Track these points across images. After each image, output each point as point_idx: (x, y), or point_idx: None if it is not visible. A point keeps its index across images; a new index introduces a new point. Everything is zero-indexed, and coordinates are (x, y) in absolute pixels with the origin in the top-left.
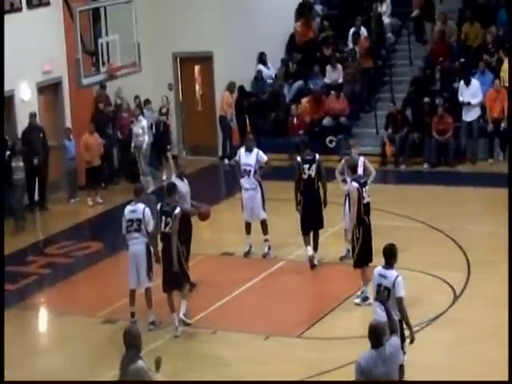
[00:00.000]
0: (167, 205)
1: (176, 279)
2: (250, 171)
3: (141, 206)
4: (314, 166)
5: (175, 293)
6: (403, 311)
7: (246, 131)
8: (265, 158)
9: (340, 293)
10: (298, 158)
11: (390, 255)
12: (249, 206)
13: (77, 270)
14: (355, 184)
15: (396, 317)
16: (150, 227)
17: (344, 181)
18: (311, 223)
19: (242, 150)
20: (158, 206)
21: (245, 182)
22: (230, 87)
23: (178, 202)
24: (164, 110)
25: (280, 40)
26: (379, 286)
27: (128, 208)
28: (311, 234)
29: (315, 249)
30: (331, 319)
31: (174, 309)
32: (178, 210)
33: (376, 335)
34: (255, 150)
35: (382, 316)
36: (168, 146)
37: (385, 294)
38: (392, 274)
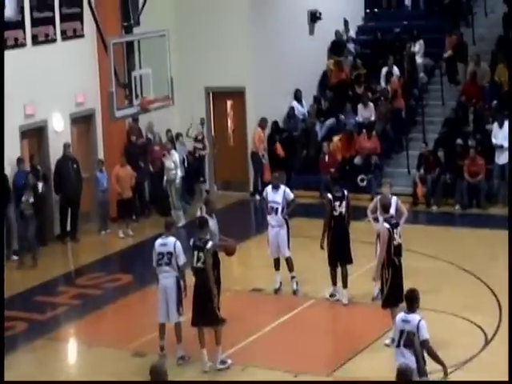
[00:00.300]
0: (199, 239)
1: (207, 315)
2: (276, 209)
3: (172, 239)
4: (344, 203)
5: (206, 328)
6: (432, 351)
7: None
8: (291, 195)
9: (370, 333)
10: (329, 195)
11: (413, 300)
12: (274, 242)
13: (107, 302)
14: (386, 224)
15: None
16: (181, 261)
17: (376, 219)
18: (340, 257)
19: (269, 188)
20: (191, 241)
21: (271, 219)
22: (262, 123)
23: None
24: (200, 137)
25: (313, 77)
26: (402, 331)
27: (159, 241)
28: (339, 272)
29: (345, 285)
30: (360, 359)
31: (204, 344)
32: (210, 245)
33: (404, 379)
34: (282, 188)
35: (404, 362)
36: (201, 178)
37: (407, 340)
38: (415, 318)
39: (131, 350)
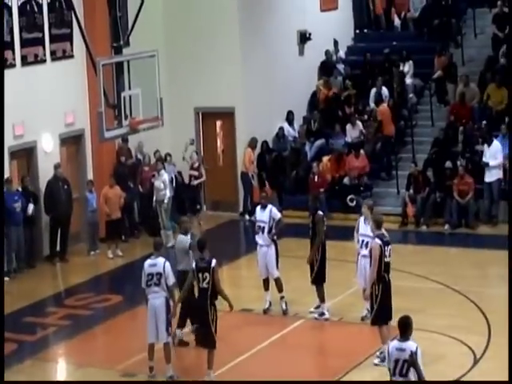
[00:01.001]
0: (201, 260)
1: (206, 337)
2: (263, 228)
3: (161, 259)
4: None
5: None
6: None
7: (264, 188)
8: (278, 215)
9: (360, 352)
10: (321, 213)
11: (406, 327)
12: (263, 262)
13: (96, 323)
14: (378, 241)
15: None
16: (170, 281)
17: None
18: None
19: (258, 208)
20: (193, 264)
21: (259, 239)
22: (252, 143)
23: (180, 257)
24: (196, 165)
25: (303, 98)
26: (397, 360)
27: (148, 262)
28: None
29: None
30: (350, 378)
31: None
32: (214, 263)
33: None
34: (269, 207)
35: None
36: (198, 206)
37: (404, 368)
38: (410, 345)
39: (120, 370)
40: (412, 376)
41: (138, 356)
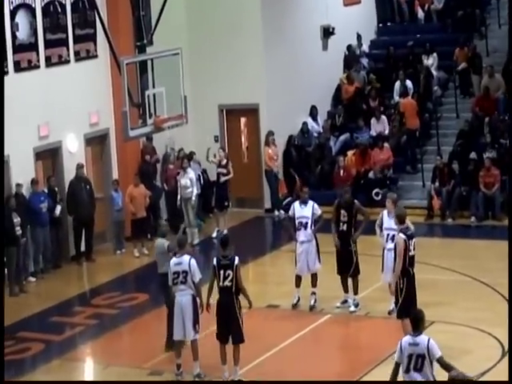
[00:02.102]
0: (223, 257)
1: (233, 332)
2: (306, 223)
3: (186, 257)
4: None
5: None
6: (450, 366)
7: (296, 184)
8: (319, 211)
9: (386, 347)
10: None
11: (419, 321)
12: (304, 259)
13: (123, 322)
14: (402, 235)
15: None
16: (197, 278)
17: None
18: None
19: (297, 204)
20: (215, 261)
21: (301, 235)
22: (266, 140)
23: (161, 260)
24: (223, 163)
25: (327, 92)
26: (410, 356)
27: (173, 260)
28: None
29: (355, 292)
30: (377, 373)
31: (225, 360)
32: (237, 260)
33: None
34: (310, 203)
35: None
36: (226, 203)
37: (418, 363)
38: (423, 339)
39: (147, 368)
40: (428, 370)
41: (165, 354)
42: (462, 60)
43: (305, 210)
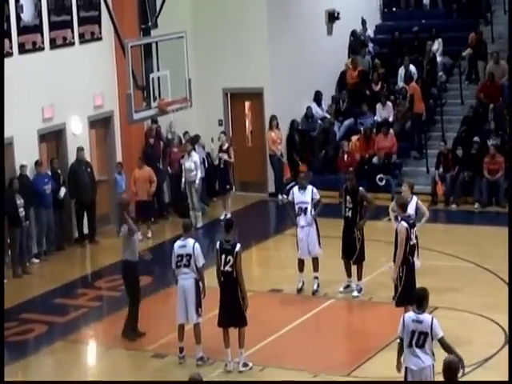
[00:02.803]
0: (226, 242)
1: (235, 316)
2: (305, 208)
3: (191, 241)
4: None
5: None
6: (450, 348)
7: (298, 169)
8: (318, 195)
9: (389, 332)
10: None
11: (422, 299)
12: (304, 242)
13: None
14: (404, 223)
15: (428, 362)
16: (200, 263)
17: (396, 218)
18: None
19: (296, 189)
20: (217, 244)
21: (301, 220)
22: (270, 124)
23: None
24: (225, 147)
25: (331, 77)
26: (413, 332)
27: (178, 243)
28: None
29: (358, 278)
30: (379, 359)
31: (229, 344)
32: (239, 247)
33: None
34: (309, 188)
35: (419, 363)
36: (228, 186)
37: (420, 340)
38: (427, 317)
39: (150, 351)
40: (428, 348)
41: (168, 337)
42: (468, 45)
43: (304, 196)
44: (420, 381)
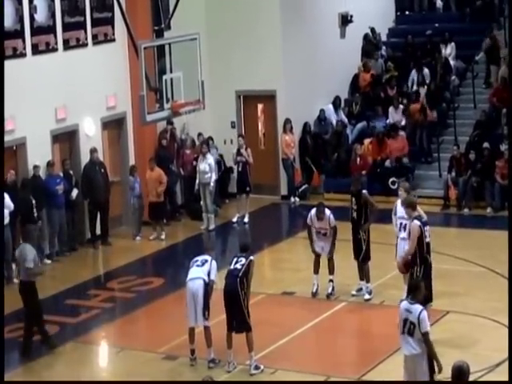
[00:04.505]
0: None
1: (238, 322)
2: (325, 233)
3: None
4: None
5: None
6: (430, 345)
7: (313, 175)
8: (334, 222)
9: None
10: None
11: (415, 289)
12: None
13: (138, 305)
14: (417, 222)
15: (420, 350)
16: (212, 276)
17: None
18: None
19: (313, 214)
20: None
21: (321, 240)
22: (284, 128)
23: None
24: (243, 151)
25: (344, 80)
26: (405, 320)
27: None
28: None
29: (367, 280)
30: (391, 362)
31: (231, 345)
32: (252, 257)
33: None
34: (326, 215)
35: (411, 350)
36: (247, 188)
37: (411, 328)
38: (417, 308)
39: (162, 353)
40: (417, 336)
41: (179, 338)
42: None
43: (322, 223)
44: (420, 381)
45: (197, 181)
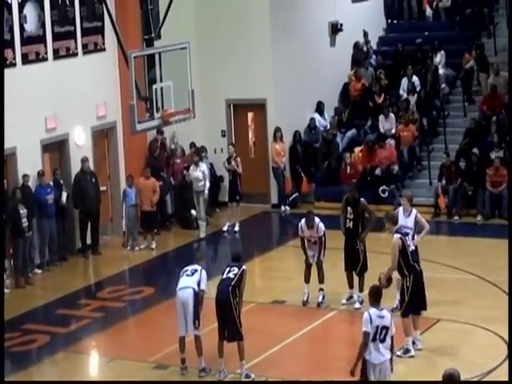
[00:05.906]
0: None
1: (229, 330)
2: (315, 241)
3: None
4: None
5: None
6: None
7: (302, 183)
8: (323, 230)
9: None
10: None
11: (378, 295)
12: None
13: (129, 315)
14: (397, 235)
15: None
16: (202, 286)
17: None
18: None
19: (303, 223)
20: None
21: (312, 249)
22: (274, 136)
23: None
24: (232, 160)
25: (334, 89)
26: (377, 327)
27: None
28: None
29: (360, 290)
30: None
31: (222, 354)
32: (245, 267)
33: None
34: (316, 222)
35: (380, 358)
36: (237, 197)
37: (382, 334)
38: (387, 313)
39: (153, 362)
40: (388, 342)
41: (170, 348)
42: (470, 58)
43: (312, 231)
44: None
45: (193, 188)
